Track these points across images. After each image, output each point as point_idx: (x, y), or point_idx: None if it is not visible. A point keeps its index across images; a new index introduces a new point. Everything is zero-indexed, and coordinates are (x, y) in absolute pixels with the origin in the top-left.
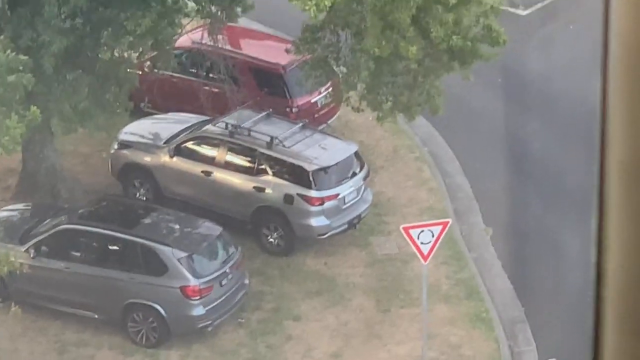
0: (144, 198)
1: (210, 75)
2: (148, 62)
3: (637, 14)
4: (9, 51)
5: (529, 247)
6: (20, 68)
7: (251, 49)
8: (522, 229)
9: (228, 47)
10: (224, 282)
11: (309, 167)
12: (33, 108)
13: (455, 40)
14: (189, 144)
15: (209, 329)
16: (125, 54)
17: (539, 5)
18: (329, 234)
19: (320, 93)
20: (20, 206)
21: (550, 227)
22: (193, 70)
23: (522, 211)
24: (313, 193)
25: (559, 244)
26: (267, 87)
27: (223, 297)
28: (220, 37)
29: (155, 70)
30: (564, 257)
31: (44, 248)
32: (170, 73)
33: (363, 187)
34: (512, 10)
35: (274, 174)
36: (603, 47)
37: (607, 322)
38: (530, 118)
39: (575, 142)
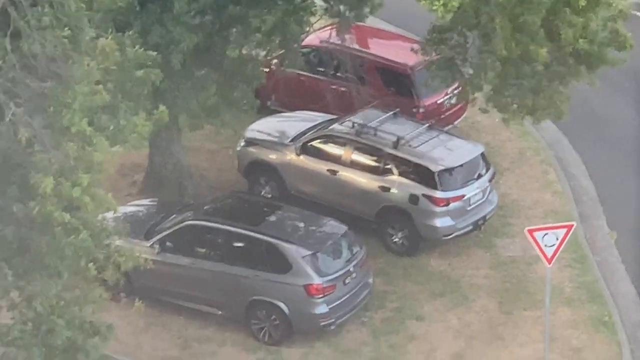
0: (270, 195)
1: (337, 74)
2: (275, 60)
3: None
4: (137, 46)
5: None
6: (149, 63)
7: (379, 48)
8: None
9: (356, 46)
10: (347, 281)
11: (435, 168)
12: (161, 107)
13: (582, 44)
14: (315, 143)
15: (332, 327)
16: (253, 52)
17: None
18: (453, 234)
19: (447, 94)
20: (146, 201)
21: None
22: (320, 69)
23: None
24: (438, 194)
25: None
26: (394, 87)
27: (346, 296)
28: (348, 36)
29: (283, 69)
30: None
31: (168, 244)
32: (298, 71)
33: (489, 189)
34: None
35: (400, 174)
36: None
37: None
38: None
39: None
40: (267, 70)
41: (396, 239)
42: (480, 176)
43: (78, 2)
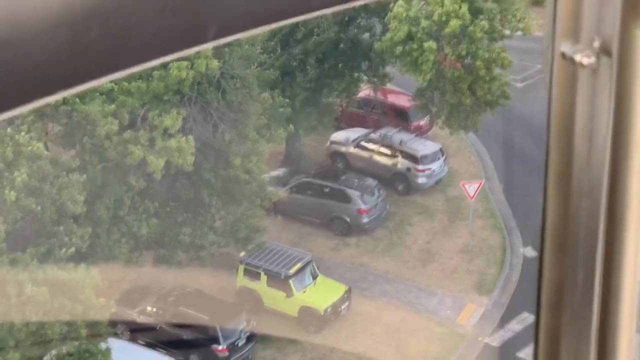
0: (341, 167)
1: (373, 110)
2: (344, 103)
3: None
4: (280, 97)
5: None
6: (285, 105)
7: (392, 98)
8: None
9: (381, 97)
10: (377, 207)
11: (418, 154)
12: (290, 126)
13: (487, 97)
14: (363, 142)
15: (369, 228)
16: (334, 99)
17: (529, 81)
18: (427, 186)
19: (424, 120)
20: (283, 170)
21: None
22: (366, 108)
23: None
24: (420, 167)
25: None
26: (399, 117)
27: (377, 214)
28: (377, 92)
29: (348, 107)
30: None
31: (294, 189)
32: (355, 109)
33: (443, 165)
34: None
35: (402, 157)
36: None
37: None
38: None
39: None
40: (340, 108)
41: (400, 188)
42: (439, 158)
43: (252, 77)
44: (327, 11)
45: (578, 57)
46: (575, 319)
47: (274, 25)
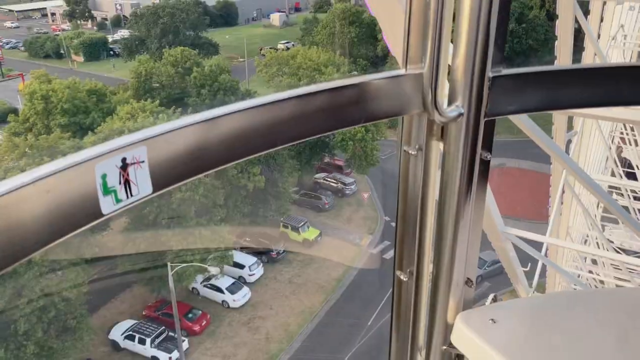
0: (318, 187)
1: (329, 166)
2: (319, 164)
3: None
4: (294, 161)
5: None
6: (297, 167)
7: (337, 162)
8: None
9: (332, 161)
10: None
11: None
12: (300, 172)
13: (370, 162)
14: (327, 177)
15: None
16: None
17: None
18: None
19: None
20: (296, 189)
21: None
22: (327, 166)
23: None
24: None
25: None
26: (340, 169)
27: None
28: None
29: (320, 165)
30: None
31: (301, 195)
32: (323, 165)
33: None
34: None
35: (340, 183)
36: None
37: None
38: None
39: None
40: (317, 165)
41: (339, 195)
42: (354, 184)
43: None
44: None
45: (411, 152)
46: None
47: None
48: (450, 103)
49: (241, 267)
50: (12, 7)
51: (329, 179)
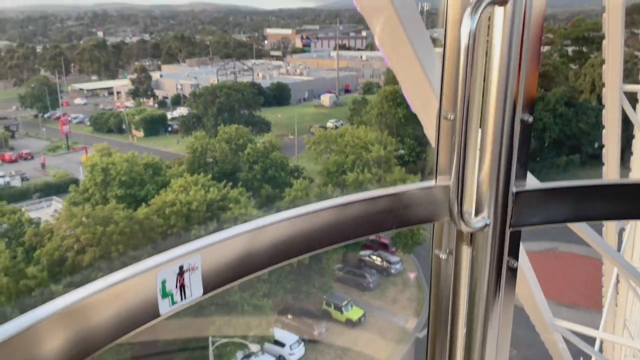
0: (363, 264)
1: (375, 243)
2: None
3: None
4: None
5: None
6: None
7: (383, 240)
8: None
9: (378, 240)
10: None
11: None
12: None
13: (404, 231)
14: (372, 255)
15: None
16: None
17: None
18: None
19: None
20: (340, 266)
21: None
22: (373, 242)
23: None
24: None
25: None
26: (385, 247)
27: None
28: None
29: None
30: None
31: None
32: (369, 243)
33: None
34: None
35: (385, 261)
36: None
37: None
38: None
39: None
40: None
41: (384, 273)
42: (400, 262)
43: None
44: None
45: (442, 256)
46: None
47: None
48: (477, 213)
49: (282, 345)
50: (82, 86)
51: (373, 257)
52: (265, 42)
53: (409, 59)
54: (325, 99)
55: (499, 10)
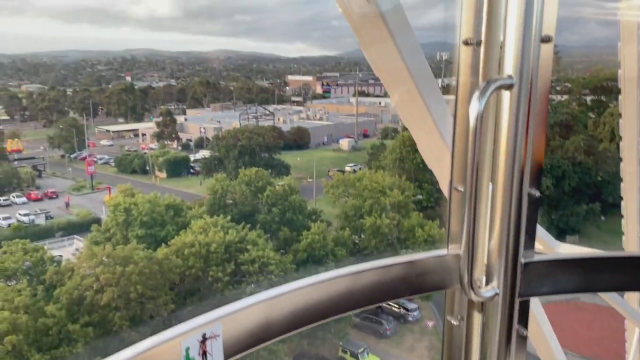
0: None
1: None
2: None
3: None
4: None
5: None
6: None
7: None
8: None
9: None
10: None
11: None
12: None
13: None
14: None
15: None
16: None
17: None
18: None
19: None
20: None
21: None
22: None
23: None
24: None
25: None
26: None
27: None
28: None
29: None
30: None
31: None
32: None
33: None
34: None
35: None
36: None
37: None
38: None
39: None
40: None
41: (401, 320)
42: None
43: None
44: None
45: (454, 322)
46: None
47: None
48: (487, 282)
49: None
50: (109, 128)
51: (391, 304)
52: (287, 88)
53: (426, 126)
54: (344, 143)
55: (505, 93)
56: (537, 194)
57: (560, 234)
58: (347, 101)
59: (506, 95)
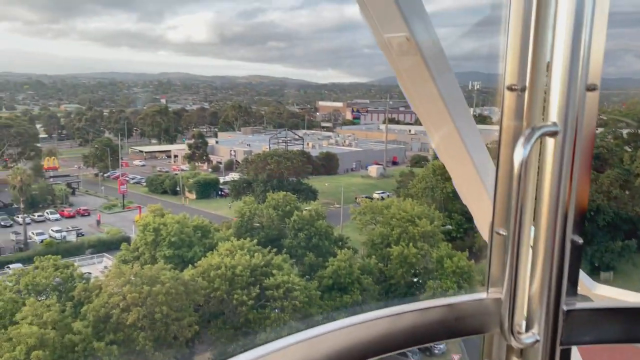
0: None
1: None
2: None
3: None
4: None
5: None
6: None
7: None
8: None
9: None
10: None
11: None
12: None
13: None
14: None
15: None
16: None
17: None
18: None
19: None
20: None
21: None
22: None
23: None
24: None
25: None
26: None
27: None
28: None
29: None
30: None
31: None
32: None
33: None
34: None
35: None
36: None
37: None
38: None
39: None
40: None
41: None
42: None
43: None
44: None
45: None
46: None
47: None
48: (527, 328)
49: None
50: (142, 148)
51: None
52: (317, 113)
53: (466, 169)
54: (373, 170)
55: (550, 139)
56: (580, 241)
57: (594, 271)
58: (377, 128)
59: (550, 141)
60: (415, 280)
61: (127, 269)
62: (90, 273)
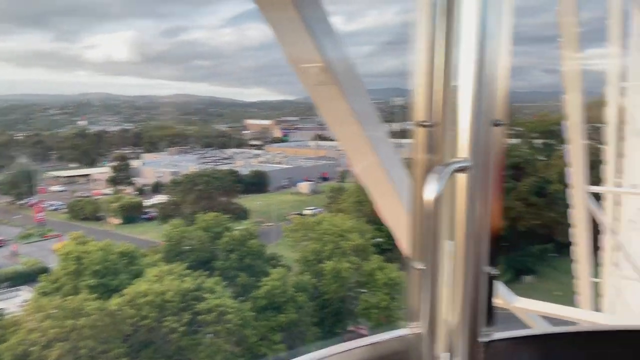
0: None
1: None
2: None
3: None
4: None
5: None
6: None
7: None
8: None
9: None
10: None
11: None
12: None
13: (382, 322)
14: None
15: None
16: None
17: None
18: None
19: None
20: None
21: None
22: None
23: None
24: None
25: None
26: None
27: None
28: None
29: None
30: None
31: None
32: None
33: None
34: None
35: None
36: None
37: None
38: None
39: None
40: None
41: None
42: None
43: None
44: None
45: None
46: None
47: None
48: None
49: None
50: (60, 173)
51: None
52: (246, 132)
53: (388, 194)
54: (303, 186)
55: (461, 176)
56: (494, 271)
57: (518, 275)
58: (306, 145)
59: (462, 176)
60: (349, 294)
61: (47, 302)
62: (5, 308)
